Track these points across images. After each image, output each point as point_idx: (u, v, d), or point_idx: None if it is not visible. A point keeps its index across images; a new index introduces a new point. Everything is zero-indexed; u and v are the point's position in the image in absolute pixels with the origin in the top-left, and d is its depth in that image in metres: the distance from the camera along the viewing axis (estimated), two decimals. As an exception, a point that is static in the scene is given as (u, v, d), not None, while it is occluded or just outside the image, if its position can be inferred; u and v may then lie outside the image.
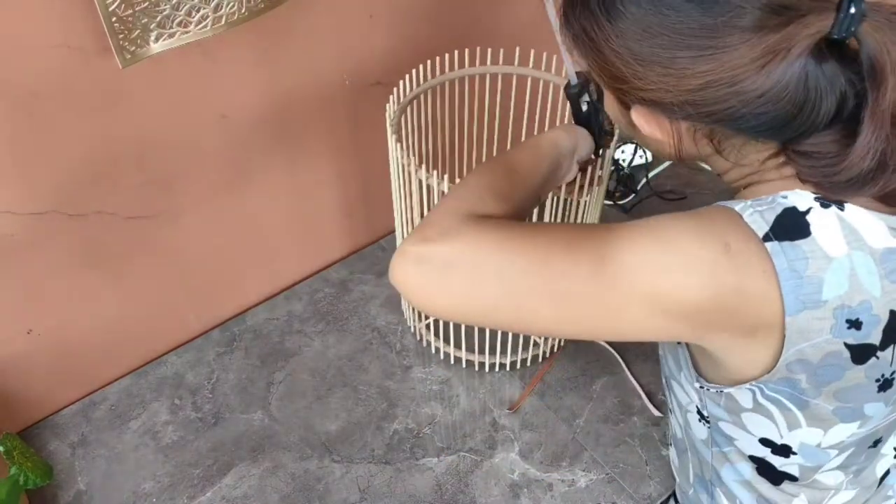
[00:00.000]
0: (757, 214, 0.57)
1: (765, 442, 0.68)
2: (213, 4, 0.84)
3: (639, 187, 1.38)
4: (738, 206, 0.58)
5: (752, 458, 0.72)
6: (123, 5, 0.77)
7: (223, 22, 0.86)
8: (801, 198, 0.57)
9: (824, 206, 0.57)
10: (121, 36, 0.79)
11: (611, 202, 1.36)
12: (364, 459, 1.01)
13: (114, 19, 0.78)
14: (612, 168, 1.39)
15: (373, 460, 1.01)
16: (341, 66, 1.07)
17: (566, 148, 0.81)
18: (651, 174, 1.40)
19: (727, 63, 0.53)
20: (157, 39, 0.83)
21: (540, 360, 1.12)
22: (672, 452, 0.90)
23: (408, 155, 0.89)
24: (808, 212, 0.57)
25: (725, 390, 0.66)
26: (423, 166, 0.88)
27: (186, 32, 0.84)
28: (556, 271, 0.56)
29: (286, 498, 0.98)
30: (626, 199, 1.36)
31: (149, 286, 1.08)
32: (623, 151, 1.41)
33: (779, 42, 0.52)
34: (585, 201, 0.93)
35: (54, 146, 0.87)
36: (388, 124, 0.93)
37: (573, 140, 0.82)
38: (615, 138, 0.90)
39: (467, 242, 0.58)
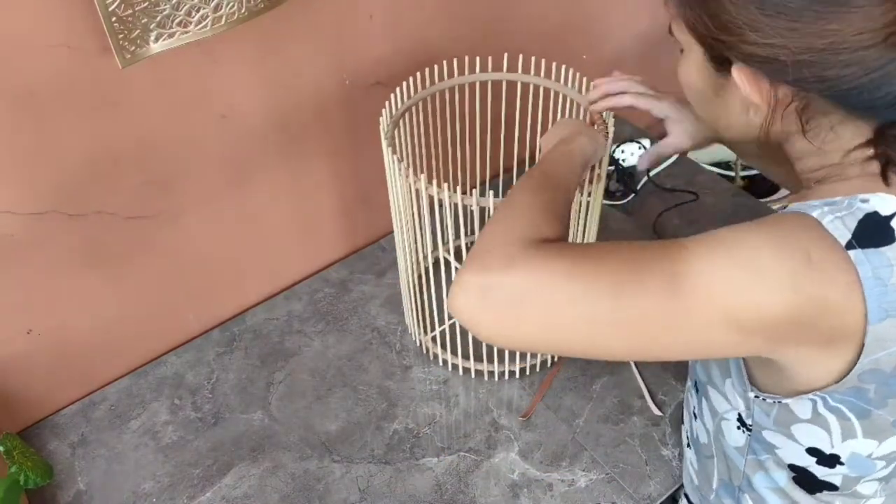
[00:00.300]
0: (838, 221, 0.54)
1: (812, 451, 0.67)
2: (212, 4, 0.84)
3: (639, 187, 1.38)
4: (815, 212, 0.56)
5: (793, 467, 0.70)
6: (123, 5, 0.77)
7: (223, 22, 0.86)
8: (885, 202, 0.55)
9: None
10: (120, 36, 0.79)
11: (611, 202, 1.36)
12: (364, 459, 1.01)
13: (114, 19, 0.78)
14: (612, 168, 1.39)
15: (373, 460, 1.01)
16: (341, 66, 1.07)
17: (590, 155, 0.80)
18: (652, 173, 1.40)
19: (857, 25, 0.50)
20: (156, 39, 0.83)
21: (549, 364, 1.12)
22: (690, 455, 0.89)
23: (406, 164, 0.89)
24: (892, 217, 0.55)
25: (783, 401, 0.64)
26: (423, 174, 0.87)
27: (186, 32, 0.84)
28: (629, 295, 0.54)
29: (286, 498, 0.98)
30: (626, 199, 1.36)
31: (149, 286, 1.08)
32: (623, 151, 1.41)
33: None
34: (588, 201, 0.93)
35: (54, 146, 0.87)
36: (382, 137, 0.93)
37: (594, 145, 0.81)
38: (610, 137, 0.90)
39: (535, 272, 0.55)
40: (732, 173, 1.76)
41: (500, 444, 1.03)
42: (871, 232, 0.54)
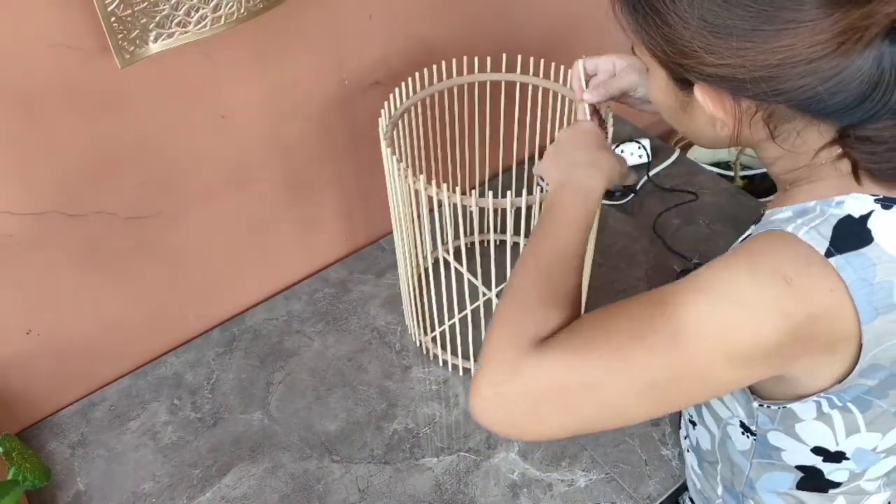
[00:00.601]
0: (813, 231, 0.56)
1: (817, 451, 0.68)
2: (212, 4, 0.84)
3: (638, 187, 1.38)
4: (788, 227, 0.57)
5: (800, 468, 0.71)
6: (122, 5, 0.77)
7: (222, 22, 0.86)
8: (859, 202, 0.56)
9: (885, 207, 0.56)
10: (119, 36, 0.79)
11: (611, 202, 1.36)
12: (363, 459, 1.01)
13: (112, 19, 0.78)
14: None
15: (372, 460, 1.01)
16: (341, 66, 1.07)
17: (594, 188, 0.75)
18: (651, 173, 1.40)
19: (807, 38, 0.51)
20: (155, 39, 0.83)
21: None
22: (691, 460, 0.89)
23: (405, 164, 0.88)
24: (867, 217, 0.56)
25: (787, 406, 0.65)
26: (422, 175, 0.87)
27: (185, 32, 0.84)
28: (635, 366, 0.56)
29: (286, 498, 0.98)
30: (626, 199, 1.36)
31: (148, 286, 1.08)
32: (622, 151, 1.41)
33: (858, 20, 0.50)
34: None
35: (54, 146, 0.87)
36: (381, 137, 0.93)
37: (607, 180, 0.76)
38: (609, 136, 0.90)
39: (541, 374, 0.58)
40: (732, 173, 1.76)
41: (499, 444, 1.02)
42: (848, 236, 0.55)
